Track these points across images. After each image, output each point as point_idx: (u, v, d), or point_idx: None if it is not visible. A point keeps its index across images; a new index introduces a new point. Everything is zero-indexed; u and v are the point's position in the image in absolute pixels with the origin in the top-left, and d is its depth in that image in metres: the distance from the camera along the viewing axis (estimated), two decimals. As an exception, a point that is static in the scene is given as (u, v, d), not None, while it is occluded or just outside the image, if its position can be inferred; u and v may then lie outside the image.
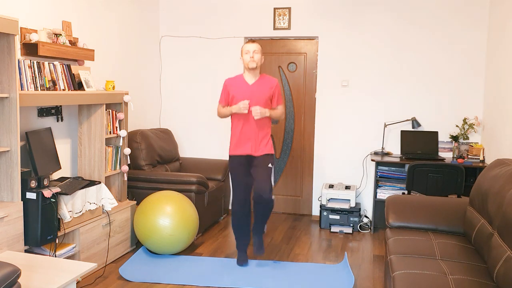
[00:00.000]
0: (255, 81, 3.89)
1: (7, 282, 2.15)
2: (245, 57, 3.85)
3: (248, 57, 3.82)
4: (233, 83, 3.92)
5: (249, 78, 3.90)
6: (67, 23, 3.95)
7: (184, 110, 5.76)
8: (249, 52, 3.82)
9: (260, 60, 3.86)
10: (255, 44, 3.86)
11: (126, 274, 3.67)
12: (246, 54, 3.83)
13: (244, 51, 3.85)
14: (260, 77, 3.93)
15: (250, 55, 3.81)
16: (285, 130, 5.60)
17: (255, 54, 3.82)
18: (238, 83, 3.91)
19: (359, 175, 5.33)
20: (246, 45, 3.86)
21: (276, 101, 3.97)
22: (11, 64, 2.96)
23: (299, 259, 4.16)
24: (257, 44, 3.87)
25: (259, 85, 3.88)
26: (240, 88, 3.88)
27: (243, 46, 3.89)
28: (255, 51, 3.83)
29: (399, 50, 5.14)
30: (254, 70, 3.86)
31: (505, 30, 4.37)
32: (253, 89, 3.87)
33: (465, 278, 2.48)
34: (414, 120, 5.04)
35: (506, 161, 3.02)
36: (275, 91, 3.93)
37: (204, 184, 4.61)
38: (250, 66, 3.82)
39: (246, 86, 3.88)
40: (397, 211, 3.44)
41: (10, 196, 3.03)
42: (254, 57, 3.81)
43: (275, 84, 3.94)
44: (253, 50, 3.82)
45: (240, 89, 3.87)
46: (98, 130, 3.94)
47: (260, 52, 3.87)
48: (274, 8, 5.39)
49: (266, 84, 3.90)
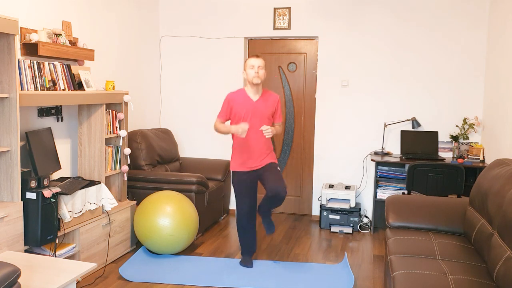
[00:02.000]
0: (259, 97, 3.82)
1: (7, 282, 2.15)
2: (249, 72, 3.75)
3: (253, 73, 3.73)
4: (237, 98, 3.83)
5: (253, 94, 3.82)
6: (67, 23, 3.95)
7: (184, 110, 5.76)
8: (253, 67, 3.73)
9: (264, 75, 3.78)
10: (260, 60, 3.77)
11: (126, 274, 3.67)
12: (251, 69, 3.74)
13: (249, 66, 3.76)
14: (263, 93, 3.86)
15: (255, 70, 3.73)
16: (285, 130, 5.60)
17: (260, 69, 3.74)
18: (241, 98, 3.82)
19: (359, 175, 5.33)
20: (250, 60, 3.77)
21: (278, 118, 3.93)
22: (11, 64, 2.96)
23: (299, 259, 4.16)
24: (262, 59, 3.79)
25: (263, 101, 3.82)
26: (244, 104, 3.80)
27: (247, 60, 3.80)
28: (260, 67, 3.74)
29: (399, 50, 5.14)
30: (258, 86, 3.79)
31: (505, 30, 4.37)
32: (258, 105, 3.80)
33: (465, 278, 2.48)
34: (414, 120, 5.04)
35: (506, 161, 3.02)
36: (277, 107, 3.90)
37: (204, 184, 4.61)
38: (255, 82, 3.74)
39: (251, 103, 3.80)
40: (397, 211, 3.44)
41: (10, 196, 3.04)
42: (259, 72, 3.73)
43: (277, 100, 3.91)
44: (258, 66, 3.73)
45: (244, 105, 3.79)
46: (98, 130, 3.94)
47: (264, 67, 3.79)
48: (274, 8, 5.39)
49: (269, 100, 3.86)
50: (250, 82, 3.78)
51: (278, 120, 3.96)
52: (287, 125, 5.59)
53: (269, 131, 3.69)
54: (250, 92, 3.83)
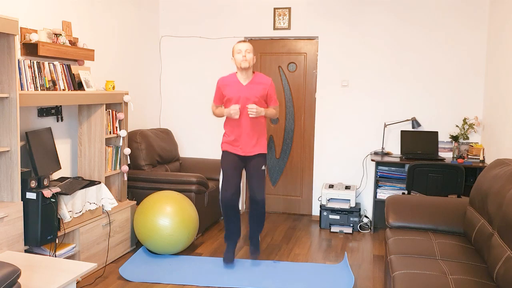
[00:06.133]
0: (249, 82, 3.84)
1: (7, 282, 2.15)
2: (237, 56, 3.79)
3: (240, 57, 3.77)
4: (227, 82, 3.87)
5: (243, 78, 3.85)
6: (67, 23, 3.95)
7: (184, 110, 5.76)
8: (241, 51, 3.77)
9: (252, 59, 3.81)
10: (247, 43, 3.81)
11: (126, 274, 3.67)
12: (238, 54, 3.78)
13: (236, 51, 3.80)
14: (254, 77, 3.88)
15: (243, 54, 3.76)
16: (285, 130, 5.60)
17: (247, 53, 3.76)
18: (231, 83, 3.86)
19: (359, 175, 5.33)
20: (237, 45, 3.81)
21: (273, 101, 3.92)
22: (11, 64, 2.96)
23: (299, 259, 4.16)
24: (249, 43, 3.83)
25: (252, 85, 3.84)
26: (233, 88, 3.83)
27: (234, 46, 3.84)
28: (247, 50, 3.77)
29: (399, 50, 5.14)
30: (247, 70, 3.81)
31: (505, 30, 4.37)
32: (247, 89, 3.82)
33: (465, 278, 2.48)
34: (414, 120, 5.04)
35: (506, 161, 3.02)
36: (269, 90, 3.87)
37: (204, 184, 4.61)
38: (243, 66, 3.76)
39: (240, 87, 3.83)
40: (397, 211, 3.44)
41: (10, 196, 3.03)
42: (246, 56, 3.75)
43: (269, 83, 3.89)
44: (245, 49, 3.76)
45: (234, 89, 3.83)
46: (98, 130, 3.94)
47: (252, 51, 3.81)
48: (274, 8, 5.39)
49: (260, 83, 3.86)
50: (239, 67, 3.81)
51: (273, 103, 3.93)
52: (287, 125, 5.59)
53: (254, 110, 3.70)
54: (240, 77, 3.86)
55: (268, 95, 3.89)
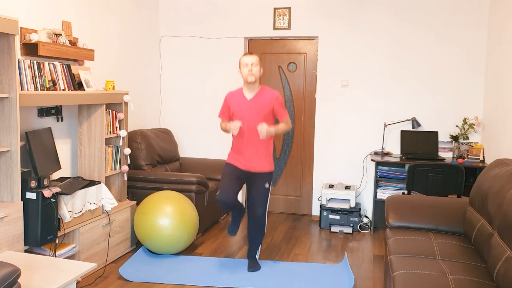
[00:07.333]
0: (253, 96, 3.73)
1: (7, 282, 2.15)
2: (243, 70, 3.69)
3: (246, 71, 3.67)
4: (233, 98, 3.79)
5: (248, 92, 3.75)
6: (67, 23, 3.95)
7: (184, 110, 5.76)
8: (247, 65, 3.67)
9: (259, 72, 3.71)
10: (253, 57, 3.70)
11: (126, 274, 3.67)
12: (245, 68, 3.68)
13: (242, 64, 3.70)
14: (260, 91, 3.76)
15: (249, 68, 3.66)
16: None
17: (253, 67, 3.66)
18: (237, 98, 3.77)
19: (359, 175, 5.33)
20: (243, 58, 3.71)
21: (281, 115, 3.78)
22: (11, 64, 2.96)
23: (299, 259, 4.16)
24: (255, 56, 3.72)
25: (257, 100, 3.73)
26: (238, 103, 3.75)
27: (240, 59, 3.74)
28: (253, 64, 3.67)
29: (399, 50, 5.14)
30: (253, 84, 3.71)
31: (505, 30, 4.37)
32: (251, 104, 3.72)
33: (465, 278, 2.48)
34: (414, 120, 5.04)
35: (506, 161, 3.02)
36: (275, 105, 3.74)
37: (204, 184, 4.61)
38: (249, 80, 3.67)
39: (244, 102, 3.74)
40: (397, 211, 3.44)
41: (10, 196, 3.04)
42: (252, 70, 3.65)
43: (275, 97, 3.75)
44: (251, 63, 3.66)
45: (238, 104, 3.74)
46: (98, 130, 3.94)
47: (259, 64, 3.71)
48: (274, 8, 5.39)
49: (265, 98, 3.73)
50: (245, 81, 3.73)
51: (282, 117, 3.79)
52: (287, 125, 5.58)
53: (264, 132, 3.60)
54: (245, 91, 3.77)
55: (275, 110, 3.75)
